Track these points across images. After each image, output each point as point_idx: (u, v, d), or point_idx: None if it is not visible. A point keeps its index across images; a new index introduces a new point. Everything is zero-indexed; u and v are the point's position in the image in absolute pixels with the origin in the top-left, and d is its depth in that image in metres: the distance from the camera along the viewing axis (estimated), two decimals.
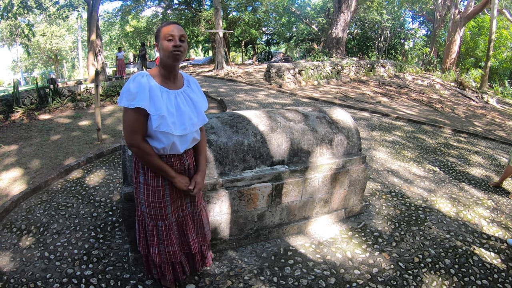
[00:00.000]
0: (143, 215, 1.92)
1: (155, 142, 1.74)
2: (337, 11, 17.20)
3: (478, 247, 2.96)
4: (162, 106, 1.67)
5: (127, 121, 1.67)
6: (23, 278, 2.39)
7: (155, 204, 1.84)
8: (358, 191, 3.27)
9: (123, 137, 1.88)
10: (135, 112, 1.64)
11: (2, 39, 29.85)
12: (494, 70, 21.31)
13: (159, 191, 1.83)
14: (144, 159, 1.74)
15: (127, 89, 1.64)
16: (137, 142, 1.68)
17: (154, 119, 1.65)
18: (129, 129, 1.67)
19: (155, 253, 1.92)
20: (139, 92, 1.63)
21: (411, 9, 26.21)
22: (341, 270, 2.55)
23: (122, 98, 1.64)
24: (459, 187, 4.25)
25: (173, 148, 1.78)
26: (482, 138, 7.04)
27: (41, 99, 7.34)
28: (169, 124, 1.68)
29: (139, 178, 1.84)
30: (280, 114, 3.00)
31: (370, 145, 5.62)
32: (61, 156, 4.65)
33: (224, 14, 20.68)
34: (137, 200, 1.91)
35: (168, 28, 1.68)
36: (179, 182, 1.84)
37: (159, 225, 1.89)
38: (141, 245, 1.99)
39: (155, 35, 1.76)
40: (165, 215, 1.88)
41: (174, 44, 1.67)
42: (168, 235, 1.91)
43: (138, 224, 1.96)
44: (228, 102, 8.05)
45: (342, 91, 10.89)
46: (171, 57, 1.69)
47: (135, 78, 1.66)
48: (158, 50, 1.73)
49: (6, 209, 3.26)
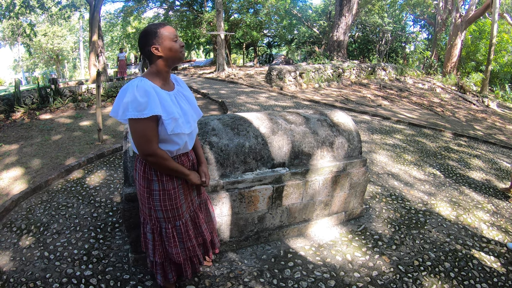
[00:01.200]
0: (158, 221, 1.89)
1: (169, 146, 1.74)
2: (339, 14, 17.25)
3: (478, 250, 2.96)
4: (173, 109, 1.66)
5: (140, 132, 1.61)
6: (23, 277, 2.39)
7: (173, 206, 1.85)
8: (359, 194, 3.27)
9: (130, 145, 1.86)
10: (149, 121, 1.59)
11: (4, 39, 29.88)
12: (495, 74, 21.33)
13: (175, 193, 1.85)
14: (161, 166, 1.72)
15: (133, 99, 1.56)
16: (153, 150, 1.65)
17: (167, 123, 1.63)
18: (144, 139, 1.62)
19: (178, 253, 1.93)
20: (149, 100, 1.57)
21: (412, 13, 26.29)
22: (341, 273, 2.55)
23: (129, 109, 1.57)
24: (459, 190, 4.25)
25: (185, 147, 1.83)
26: (483, 142, 7.04)
27: (42, 99, 7.36)
28: (181, 124, 1.70)
29: (153, 186, 1.81)
30: (281, 117, 3.00)
31: (370, 148, 5.63)
32: (61, 156, 4.66)
33: (226, 16, 20.74)
34: (151, 209, 1.86)
35: (170, 29, 1.69)
36: (193, 178, 1.88)
37: (177, 225, 1.91)
38: (157, 253, 1.95)
39: (148, 38, 1.66)
40: (182, 213, 1.90)
41: (181, 45, 1.71)
42: (186, 232, 1.94)
43: (153, 234, 1.92)
44: (229, 104, 8.06)
45: (343, 94, 10.90)
46: (179, 57, 1.72)
47: (137, 86, 1.58)
48: (157, 52, 1.66)
49: (6, 208, 3.26)
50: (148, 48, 1.67)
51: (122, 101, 1.59)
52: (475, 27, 21.45)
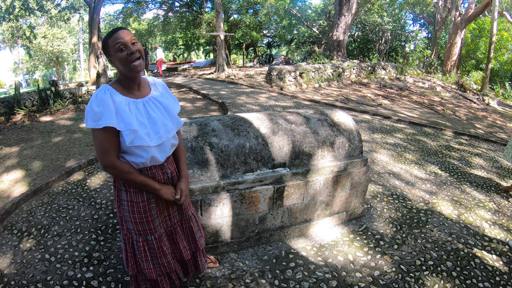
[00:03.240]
0: (129, 233, 1.82)
1: (133, 158, 1.63)
2: (338, 13, 17.23)
3: (479, 249, 2.95)
4: (131, 119, 1.54)
5: (97, 142, 1.54)
6: (24, 280, 2.39)
7: (142, 219, 1.74)
8: (360, 194, 3.26)
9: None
10: (104, 132, 1.51)
11: (4, 41, 29.93)
12: (495, 72, 21.32)
13: (145, 206, 1.73)
14: (123, 178, 1.64)
15: (90, 108, 1.50)
16: (111, 162, 1.57)
17: (126, 135, 1.54)
18: (101, 149, 1.55)
19: (150, 269, 1.84)
20: (103, 110, 1.49)
21: (411, 12, 26.25)
22: (342, 273, 2.54)
23: (88, 119, 1.50)
24: (461, 189, 4.24)
25: (153, 160, 1.69)
26: (483, 140, 7.03)
27: (42, 101, 7.36)
28: (143, 136, 1.58)
29: (121, 196, 1.73)
30: (282, 117, 3.00)
31: (371, 148, 5.62)
32: (62, 158, 4.66)
33: (225, 17, 20.73)
34: (122, 218, 1.79)
35: (117, 37, 1.51)
36: (165, 194, 1.75)
37: (149, 239, 1.81)
38: (129, 265, 1.89)
39: (103, 50, 1.57)
40: (153, 228, 1.79)
41: (129, 52, 1.52)
42: (160, 247, 1.84)
43: (125, 244, 1.86)
44: (229, 105, 8.06)
45: (343, 93, 10.89)
46: (132, 68, 1.55)
47: (97, 95, 1.52)
48: (113, 64, 1.57)
49: (7, 211, 3.26)
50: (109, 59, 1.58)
51: (86, 110, 1.54)
52: (475, 25, 21.42)
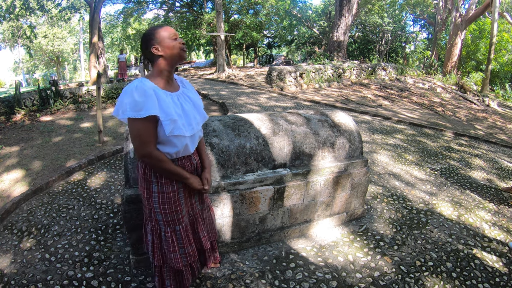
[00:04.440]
0: (158, 224, 1.88)
1: (168, 148, 1.72)
2: (339, 14, 17.25)
3: (479, 250, 2.95)
4: (171, 110, 1.63)
5: (136, 132, 1.60)
6: (24, 279, 2.38)
7: (172, 209, 1.82)
8: (360, 195, 3.26)
9: (133, 147, 1.81)
10: (145, 122, 1.58)
11: (4, 41, 29.96)
12: (495, 73, 21.32)
13: (174, 196, 1.81)
14: (158, 167, 1.71)
15: (131, 99, 1.56)
16: (149, 152, 1.64)
17: (166, 125, 1.61)
18: (140, 140, 1.61)
19: (177, 259, 1.89)
20: (146, 100, 1.56)
21: (412, 13, 26.28)
22: (342, 274, 2.54)
23: (126, 110, 1.56)
24: (461, 190, 4.24)
25: (185, 150, 1.79)
26: (484, 142, 7.03)
27: (42, 100, 7.36)
28: (181, 126, 1.67)
29: (152, 188, 1.80)
30: (282, 117, 3.00)
31: (371, 149, 5.62)
32: (62, 158, 4.66)
33: (226, 17, 20.75)
34: (151, 210, 1.86)
35: (169, 29, 1.70)
36: (194, 183, 1.84)
37: (177, 229, 1.88)
38: (155, 256, 1.94)
39: (148, 39, 1.69)
40: (181, 217, 1.87)
41: (181, 43, 1.71)
42: (187, 236, 1.91)
43: (152, 235, 1.92)
44: (230, 105, 8.06)
45: (344, 94, 10.89)
46: (179, 54, 1.72)
47: (136, 86, 1.58)
48: (157, 52, 1.68)
49: (7, 211, 3.26)
50: (149, 50, 1.69)
51: (122, 101, 1.59)
52: (475, 26, 21.45)
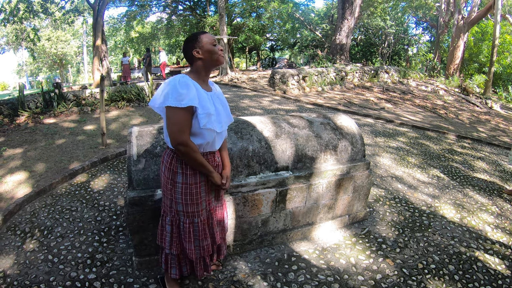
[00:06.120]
0: (178, 214, 1.98)
1: (198, 139, 1.84)
2: (341, 17, 17.27)
3: (482, 253, 2.94)
4: (208, 105, 1.79)
5: (175, 120, 1.72)
6: (27, 280, 2.40)
7: (193, 201, 1.93)
8: (362, 197, 3.26)
9: (167, 137, 1.87)
10: (185, 111, 1.72)
11: (8, 43, 30.14)
12: (497, 75, 21.21)
13: (197, 188, 1.92)
14: (189, 157, 1.80)
15: (174, 90, 1.70)
16: (185, 140, 1.74)
17: (202, 118, 1.75)
18: (177, 127, 1.73)
19: (191, 250, 1.99)
20: (188, 92, 1.71)
21: (414, 15, 26.28)
22: (344, 276, 2.54)
23: (169, 98, 1.70)
24: (463, 193, 4.22)
25: (212, 145, 1.92)
26: (486, 144, 7.01)
27: (46, 103, 7.40)
28: (213, 121, 1.82)
29: (177, 178, 1.90)
30: (285, 120, 3.01)
31: (374, 151, 5.62)
32: (65, 160, 4.68)
33: (229, 20, 20.81)
34: (172, 201, 1.96)
35: (210, 36, 1.86)
36: (215, 177, 1.94)
37: (195, 222, 1.97)
38: (174, 245, 2.03)
39: (191, 42, 1.84)
40: (200, 210, 1.98)
41: (220, 49, 1.87)
42: (203, 230, 2.00)
43: (172, 226, 2.01)
44: (233, 108, 8.08)
45: (346, 97, 10.89)
46: (217, 59, 1.86)
47: (179, 80, 1.74)
48: (198, 55, 1.83)
49: (10, 212, 3.28)
50: (190, 52, 1.83)
51: (163, 91, 1.74)
52: (478, 28, 21.39)
